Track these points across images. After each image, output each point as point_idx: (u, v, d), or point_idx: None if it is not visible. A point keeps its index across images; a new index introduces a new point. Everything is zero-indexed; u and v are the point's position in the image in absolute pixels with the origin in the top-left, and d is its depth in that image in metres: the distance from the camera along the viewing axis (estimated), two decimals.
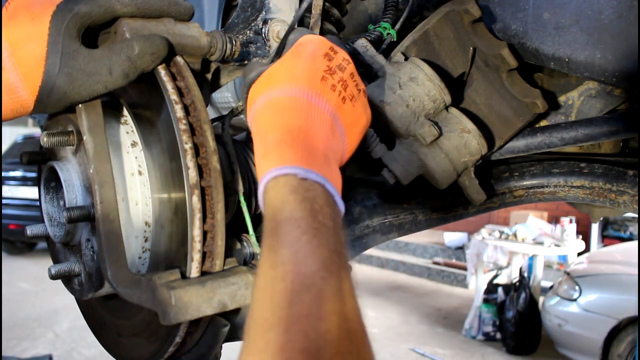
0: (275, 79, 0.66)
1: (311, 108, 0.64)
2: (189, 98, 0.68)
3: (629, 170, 1.08)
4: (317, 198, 0.56)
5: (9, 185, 8.63)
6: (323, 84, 0.66)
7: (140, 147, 0.74)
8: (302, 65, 0.67)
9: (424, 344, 5.64)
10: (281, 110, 0.64)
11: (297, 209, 0.54)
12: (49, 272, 0.75)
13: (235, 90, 1.44)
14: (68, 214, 0.67)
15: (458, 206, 1.13)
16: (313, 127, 0.63)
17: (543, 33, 0.96)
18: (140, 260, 0.73)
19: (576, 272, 5.07)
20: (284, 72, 0.67)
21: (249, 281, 0.68)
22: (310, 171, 0.58)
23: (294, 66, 0.67)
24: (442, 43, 0.98)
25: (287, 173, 0.57)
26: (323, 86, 0.66)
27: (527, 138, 1.07)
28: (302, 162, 0.58)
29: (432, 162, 0.90)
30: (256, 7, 0.87)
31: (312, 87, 0.65)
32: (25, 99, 0.64)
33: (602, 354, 4.56)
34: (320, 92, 0.65)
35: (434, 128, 0.86)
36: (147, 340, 0.75)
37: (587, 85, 1.12)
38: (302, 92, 0.65)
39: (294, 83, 0.65)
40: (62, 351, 5.24)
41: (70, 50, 0.63)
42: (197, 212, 0.65)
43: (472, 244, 6.57)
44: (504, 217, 8.34)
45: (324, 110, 0.65)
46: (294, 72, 0.66)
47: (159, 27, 0.70)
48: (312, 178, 0.57)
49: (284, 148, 0.60)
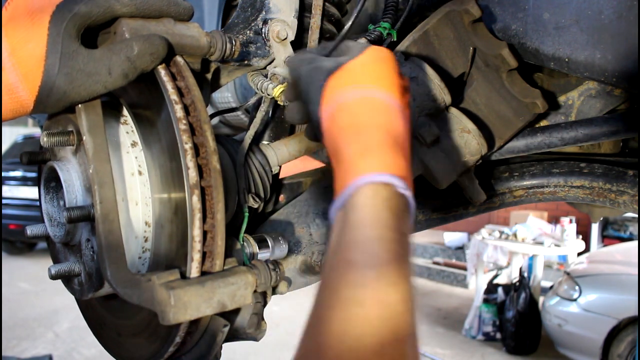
0: (362, 77, 0.65)
1: (399, 117, 0.63)
2: (189, 98, 0.68)
3: (629, 170, 1.07)
4: (407, 220, 0.53)
5: (9, 185, 8.63)
6: (402, 99, 0.66)
7: (140, 147, 0.74)
8: (388, 72, 0.66)
9: (424, 344, 5.64)
10: (382, 111, 0.62)
11: (390, 229, 0.51)
12: (49, 272, 0.75)
13: (235, 90, 1.44)
14: (68, 214, 0.67)
15: (458, 206, 1.13)
16: (404, 136, 0.62)
17: (543, 33, 0.96)
18: (140, 261, 0.73)
19: (576, 272, 5.07)
20: (371, 73, 0.65)
21: (249, 281, 0.68)
22: (408, 188, 0.55)
23: (382, 73, 0.66)
24: (442, 43, 0.98)
25: (387, 182, 0.55)
26: (402, 100, 0.66)
27: (527, 138, 1.06)
28: (403, 172, 0.56)
29: (432, 162, 0.90)
30: (256, 7, 0.87)
31: (401, 100, 0.65)
32: (25, 99, 0.63)
33: (602, 354, 4.55)
34: (405, 107, 0.65)
35: (434, 128, 0.86)
36: (147, 340, 0.75)
37: (587, 85, 1.12)
38: (392, 99, 0.64)
39: (386, 89, 0.64)
40: (62, 351, 5.24)
41: (70, 51, 0.63)
42: (197, 212, 0.65)
43: (472, 244, 6.57)
44: (504, 217, 8.34)
45: (405, 121, 0.64)
46: (382, 76, 0.65)
47: (158, 27, 0.70)
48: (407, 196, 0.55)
49: (387, 151, 0.58)
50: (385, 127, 0.61)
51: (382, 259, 0.48)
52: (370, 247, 0.49)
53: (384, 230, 0.50)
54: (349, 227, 0.52)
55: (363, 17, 1.13)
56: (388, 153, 0.58)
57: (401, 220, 0.52)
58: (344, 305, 0.46)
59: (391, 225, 0.51)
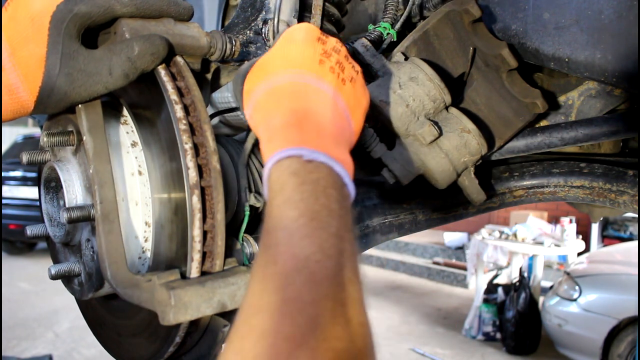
0: (271, 67, 0.65)
1: (314, 91, 0.62)
2: (189, 98, 0.68)
3: (629, 170, 1.08)
4: (321, 180, 0.53)
5: (9, 185, 8.63)
6: (321, 67, 0.64)
7: (140, 147, 0.74)
8: (297, 50, 0.65)
9: (424, 344, 5.64)
10: (283, 96, 0.62)
11: (296, 190, 0.51)
12: (49, 272, 0.75)
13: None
14: (68, 214, 0.67)
15: (458, 206, 1.13)
16: (318, 109, 0.61)
17: (543, 33, 0.96)
18: (140, 261, 0.73)
19: (576, 272, 5.07)
20: (279, 59, 0.65)
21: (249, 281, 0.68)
22: (316, 152, 0.55)
23: (288, 52, 0.65)
24: (442, 43, 0.98)
25: (291, 155, 0.55)
26: (322, 69, 0.64)
27: (527, 138, 1.07)
28: (309, 143, 0.56)
29: (432, 162, 0.90)
30: (256, 7, 0.87)
31: (312, 70, 0.63)
32: (26, 100, 0.63)
33: (602, 354, 4.56)
34: (321, 75, 0.64)
35: (434, 128, 0.86)
36: (147, 341, 0.75)
37: (587, 85, 1.12)
38: (302, 76, 0.63)
39: (292, 68, 0.63)
40: (62, 351, 5.24)
41: (71, 51, 0.63)
42: (197, 212, 0.65)
43: (472, 244, 6.57)
44: (504, 217, 8.34)
45: (326, 92, 0.63)
46: (290, 57, 0.64)
47: (158, 28, 0.70)
48: (318, 159, 0.55)
49: (289, 129, 0.58)
50: (287, 109, 0.60)
51: (291, 218, 0.49)
52: (278, 211, 0.50)
53: (292, 193, 0.51)
54: (267, 208, 0.53)
55: (363, 17, 1.13)
56: (291, 130, 0.58)
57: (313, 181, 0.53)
58: (262, 268, 0.47)
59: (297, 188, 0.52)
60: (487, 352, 5.60)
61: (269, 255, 0.47)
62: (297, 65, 0.63)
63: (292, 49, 0.65)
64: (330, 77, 0.64)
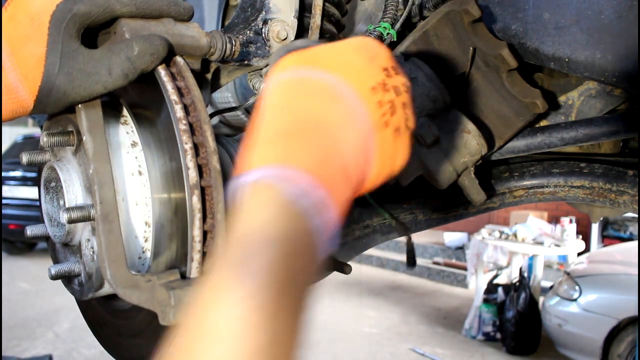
0: (324, 61, 0.57)
1: (349, 111, 0.54)
2: (189, 98, 0.68)
3: (629, 170, 1.08)
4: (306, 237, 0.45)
5: (9, 185, 8.63)
6: (371, 94, 0.56)
7: (140, 147, 0.74)
8: (357, 64, 0.57)
9: (424, 344, 5.64)
10: (314, 93, 0.55)
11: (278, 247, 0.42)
12: (49, 273, 0.75)
13: (235, 90, 1.44)
14: (68, 214, 0.67)
15: (458, 206, 1.13)
16: (343, 130, 0.53)
17: (543, 33, 0.96)
18: (140, 261, 0.73)
19: (576, 272, 5.08)
20: (336, 59, 0.58)
21: None
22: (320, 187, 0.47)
23: (349, 60, 0.58)
24: (442, 43, 0.98)
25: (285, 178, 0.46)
26: (370, 96, 0.56)
27: (527, 138, 1.07)
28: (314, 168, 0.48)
29: (432, 162, 0.90)
30: (256, 7, 0.87)
31: (358, 90, 0.56)
32: (25, 99, 0.63)
33: (602, 354, 4.56)
34: (365, 101, 0.56)
35: (434, 128, 0.86)
36: (147, 341, 0.75)
37: (587, 85, 1.12)
38: (346, 88, 0.55)
39: (342, 76, 0.56)
40: (62, 351, 5.24)
41: (70, 50, 0.63)
42: (197, 212, 0.65)
43: (472, 244, 6.57)
44: (504, 217, 8.34)
45: (361, 121, 0.55)
46: (347, 65, 0.57)
47: (158, 28, 0.70)
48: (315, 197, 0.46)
49: (296, 140, 0.50)
50: (306, 112, 0.53)
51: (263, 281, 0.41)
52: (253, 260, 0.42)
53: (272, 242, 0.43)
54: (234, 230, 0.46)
55: (363, 17, 1.13)
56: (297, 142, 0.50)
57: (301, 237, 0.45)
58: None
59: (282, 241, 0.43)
60: (487, 352, 5.60)
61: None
62: (348, 76, 0.56)
63: (354, 59, 0.58)
64: (373, 110, 0.56)
